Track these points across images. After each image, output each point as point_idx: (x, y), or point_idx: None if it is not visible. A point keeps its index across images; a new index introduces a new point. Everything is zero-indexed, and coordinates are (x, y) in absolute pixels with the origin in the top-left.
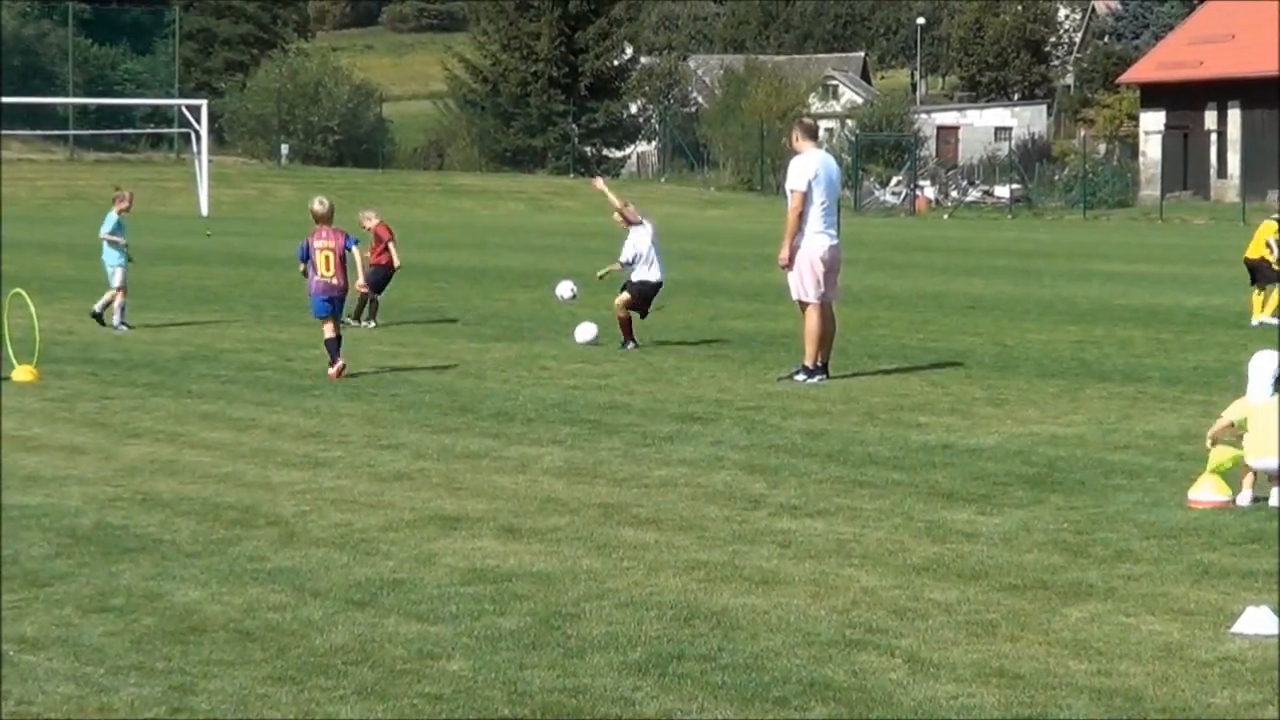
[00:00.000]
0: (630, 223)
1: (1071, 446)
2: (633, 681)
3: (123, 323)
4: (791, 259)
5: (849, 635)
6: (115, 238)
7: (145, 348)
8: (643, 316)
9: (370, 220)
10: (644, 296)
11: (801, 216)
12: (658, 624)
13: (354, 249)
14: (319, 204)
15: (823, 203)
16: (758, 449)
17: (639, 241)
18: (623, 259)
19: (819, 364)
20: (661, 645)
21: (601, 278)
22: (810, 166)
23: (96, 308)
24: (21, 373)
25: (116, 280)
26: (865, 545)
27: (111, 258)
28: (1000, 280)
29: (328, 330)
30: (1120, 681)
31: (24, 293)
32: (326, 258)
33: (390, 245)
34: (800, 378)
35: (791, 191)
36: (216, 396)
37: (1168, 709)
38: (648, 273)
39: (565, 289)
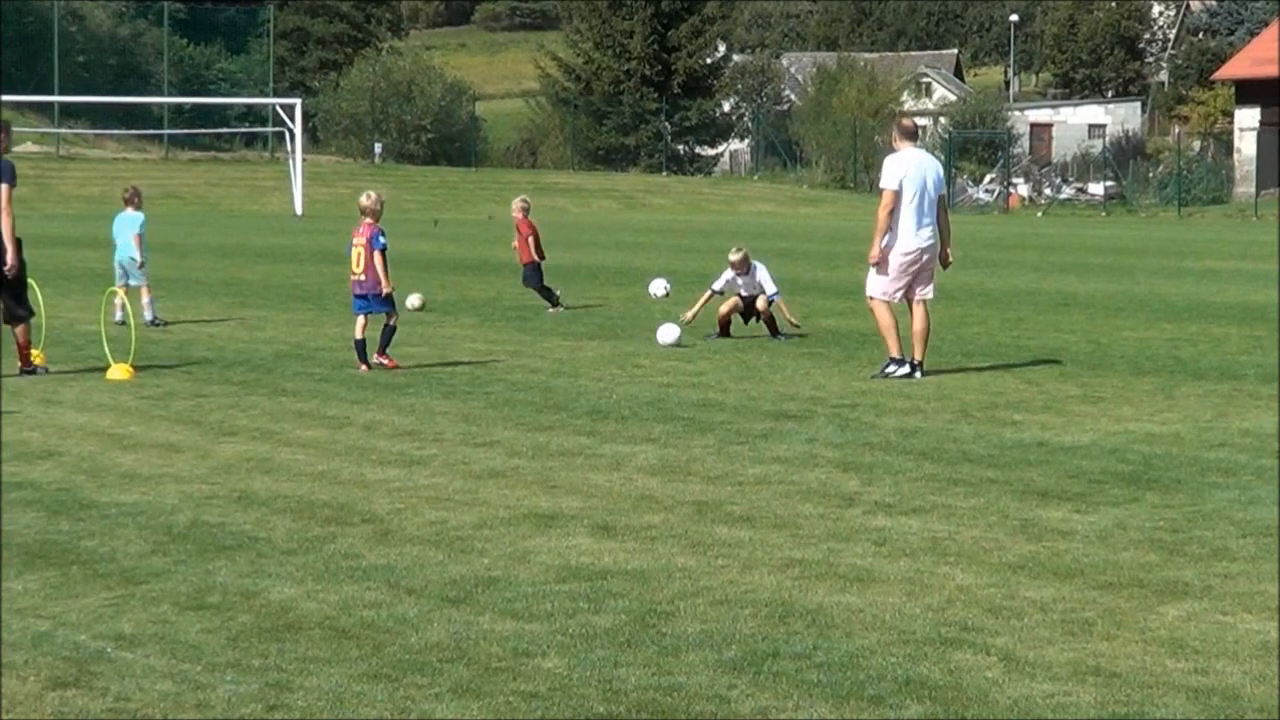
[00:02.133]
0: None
1: (1167, 444)
2: (728, 679)
3: (123, 320)
4: (883, 257)
5: (944, 633)
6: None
7: (240, 346)
8: (745, 322)
9: (514, 212)
10: (751, 307)
11: (893, 215)
12: (752, 622)
13: (381, 250)
14: (366, 198)
15: (914, 202)
16: (852, 446)
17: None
18: (716, 286)
19: (911, 360)
20: (756, 643)
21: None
22: (902, 165)
23: (148, 315)
24: (118, 371)
25: (143, 278)
26: (960, 543)
27: (135, 255)
28: (1094, 278)
29: (356, 330)
30: (1218, 680)
31: (120, 292)
32: (357, 254)
33: (528, 240)
34: (890, 369)
35: (883, 190)
36: (311, 395)
37: (1265, 708)
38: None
39: (658, 286)
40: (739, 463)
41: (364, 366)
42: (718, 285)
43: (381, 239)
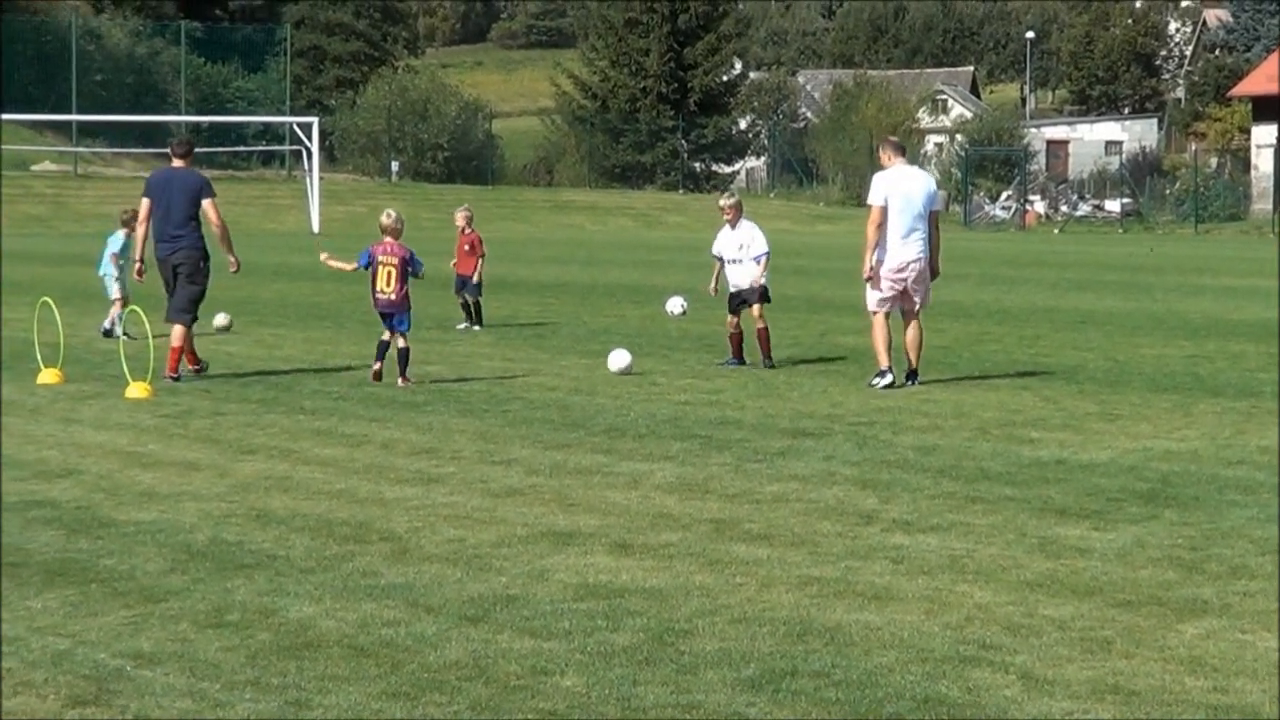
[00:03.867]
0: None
1: (1185, 462)
2: (746, 698)
3: (124, 332)
4: (875, 271)
5: (962, 651)
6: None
7: (258, 364)
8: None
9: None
10: (745, 297)
11: (881, 229)
12: (770, 640)
13: (418, 275)
14: (386, 216)
15: (901, 217)
16: (869, 464)
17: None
18: (714, 250)
19: (907, 368)
20: (774, 661)
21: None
22: (888, 181)
23: (106, 325)
24: (136, 389)
25: (115, 292)
26: (978, 561)
27: (110, 272)
28: (1111, 295)
29: (385, 335)
30: (1237, 699)
31: (139, 310)
32: (387, 273)
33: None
34: (875, 381)
35: (870, 206)
36: (329, 413)
37: None
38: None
39: (675, 304)
40: (756, 480)
41: (378, 364)
42: (715, 249)
43: (421, 264)
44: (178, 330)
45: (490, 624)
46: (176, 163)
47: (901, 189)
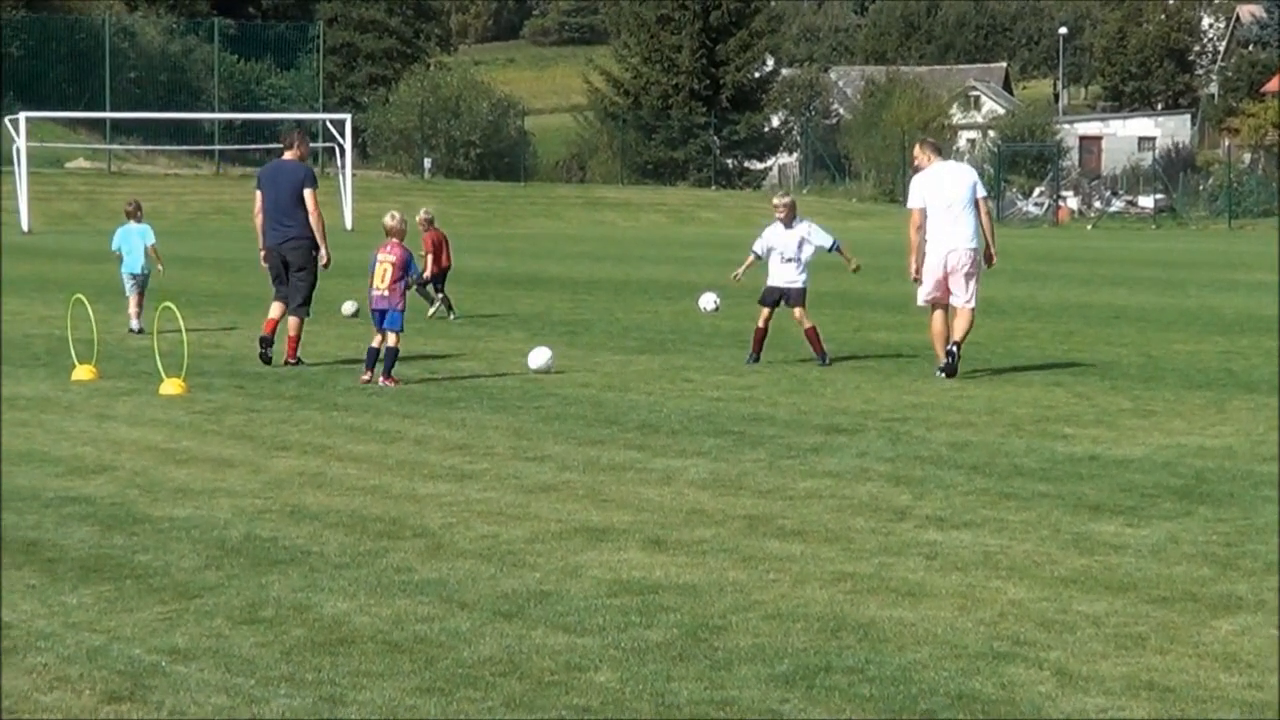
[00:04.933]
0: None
1: (1219, 458)
2: (780, 693)
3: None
4: (921, 268)
5: (996, 647)
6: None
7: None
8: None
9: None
10: (782, 297)
11: (921, 230)
12: (804, 636)
13: (414, 278)
14: (390, 218)
15: (944, 213)
16: (903, 460)
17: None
18: (756, 248)
19: (950, 342)
20: (808, 657)
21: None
22: (924, 182)
23: (135, 325)
24: (171, 386)
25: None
26: (1012, 557)
27: (146, 268)
28: (1145, 291)
29: (374, 340)
30: (1272, 694)
31: (173, 307)
32: (383, 270)
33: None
34: (937, 374)
35: (910, 210)
36: (363, 409)
37: None
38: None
39: (708, 301)
40: (790, 477)
41: (368, 374)
42: (758, 247)
43: (416, 266)
44: (293, 321)
45: (524, 620)
46: (287, 155)
47: (938, 188)
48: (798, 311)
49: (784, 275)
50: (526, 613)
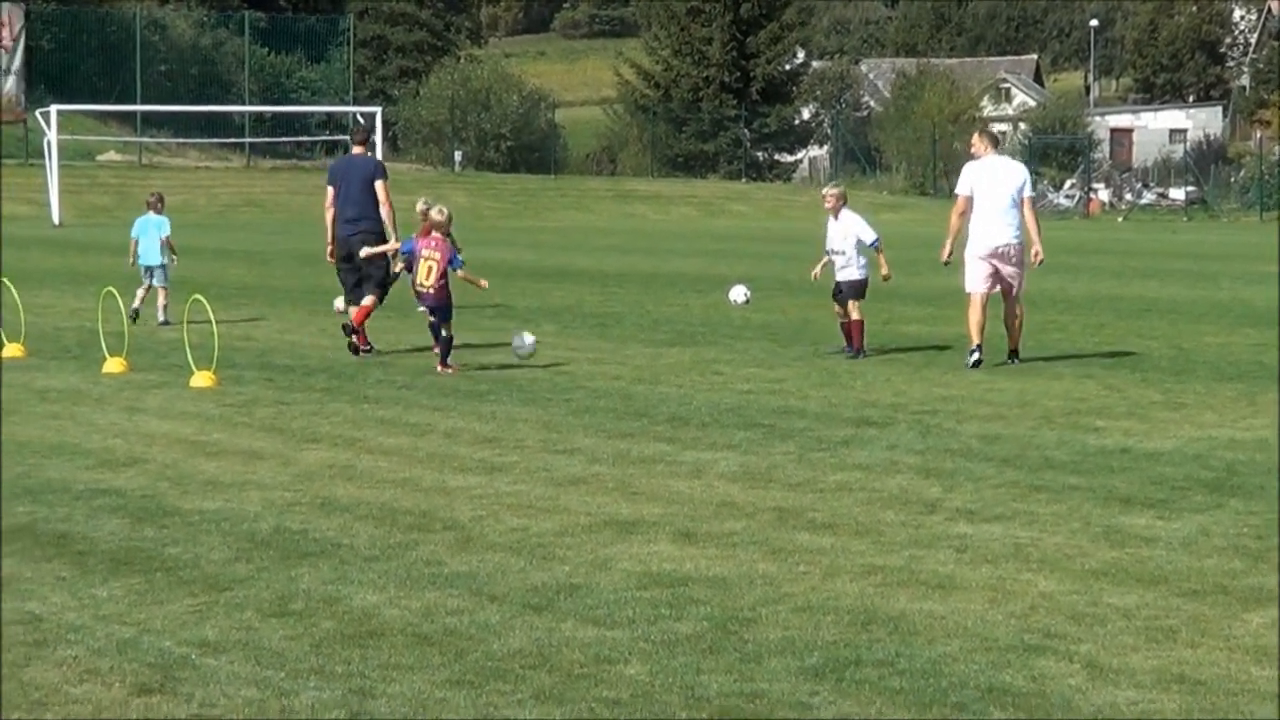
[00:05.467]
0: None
1: (1251, 450)
2: (810, 686)
3: (165, 320)
4: (963, 256)
5: (1027, 640)
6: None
7: (322, 353)
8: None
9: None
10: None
11: (964, 217)
12: (834, 629)
13: (460, 270)
14: (439, 213)
15: (989, 205)
16: (933, 453)
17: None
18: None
19: (1009, 350)
20: (838, 650)
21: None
22: (975, 171)
23: (161, 317)
24: (201, 378)
25: (165, 280)
26: (1043, 550)
27: (172, 258)
28: (1176, 283)
29: (432, 318)
30: None
31: (203, 299)
32: (428, 268)
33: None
34: (967, 360)
35: (957, 195)
36: (393, 402)
37: None
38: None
39: (738, 293)
40: (820, 469)
41: (438, 346)
42: (827, 244)
43: (460, 258)
44: (369, 299)
45: (554, 613)
46: (355, 150)
47: (987, 178)
48: (850, 303)
49: (837, 267)
50: (556, 605)
